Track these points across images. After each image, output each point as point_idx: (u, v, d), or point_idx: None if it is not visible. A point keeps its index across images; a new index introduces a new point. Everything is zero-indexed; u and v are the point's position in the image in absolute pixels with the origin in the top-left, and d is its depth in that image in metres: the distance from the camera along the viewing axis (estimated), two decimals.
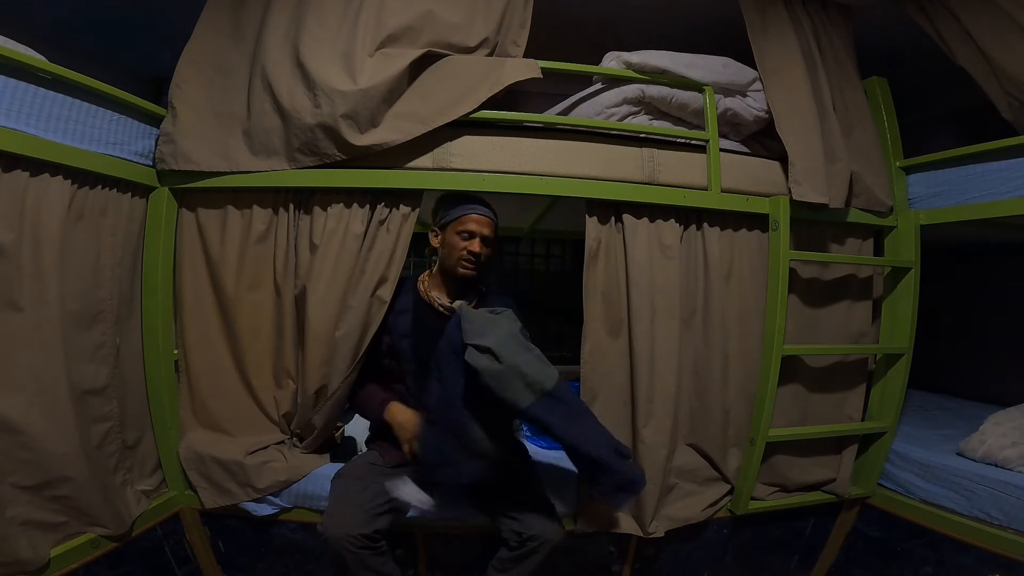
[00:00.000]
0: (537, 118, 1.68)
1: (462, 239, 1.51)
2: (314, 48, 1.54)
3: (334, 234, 1.58)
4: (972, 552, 1.62)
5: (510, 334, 1.31)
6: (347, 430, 2.01)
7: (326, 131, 1.51)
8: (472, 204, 1.54)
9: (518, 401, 1.25)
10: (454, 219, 1.53)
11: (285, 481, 1.60)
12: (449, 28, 1.63)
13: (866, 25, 1.98)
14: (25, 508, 1.27)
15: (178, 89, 1.59)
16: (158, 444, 1.63)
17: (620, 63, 1.73)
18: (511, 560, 1.41)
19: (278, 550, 1.68)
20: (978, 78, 1.74)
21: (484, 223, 1.52)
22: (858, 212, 1.84)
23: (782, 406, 1.77)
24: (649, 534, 1.65)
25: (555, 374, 1.30)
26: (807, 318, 1.85)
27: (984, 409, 2.11)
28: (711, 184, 1.71)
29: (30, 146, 1.24)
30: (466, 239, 1.50)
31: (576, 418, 1.29)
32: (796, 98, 1.74)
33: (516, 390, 1.25)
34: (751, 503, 1.78)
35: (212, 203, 1.63)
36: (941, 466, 1.76)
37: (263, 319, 1.66)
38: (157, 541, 1.59)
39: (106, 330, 1.44)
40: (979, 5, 1.69)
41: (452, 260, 1.52)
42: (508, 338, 1.30)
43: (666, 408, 1.67)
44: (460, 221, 1.52)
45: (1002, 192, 1.64)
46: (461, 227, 1.51)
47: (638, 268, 1.66)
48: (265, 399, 1.68)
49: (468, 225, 1.51)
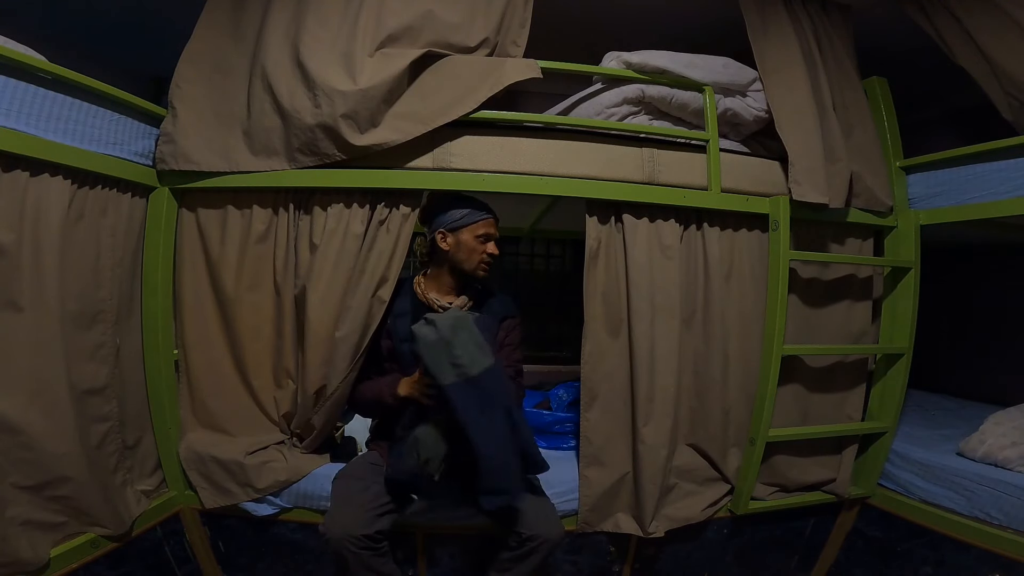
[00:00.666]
0: (537, 118, 1.68)
1: (481, 242, 1.54)
2: (314, 48, 1.54)
3: (334, 234, 1.58)
4: (972, 552, 1.62)
5: (458, 318, 1.33)
6: (347, 430, 2.01)
7: (326, 131, 1.51)
8: (483, 207, 1.57)
9: (440, 376, 1.28)
10: (472, 222, 1.54)
11: (285, 481, 1.60)
12: (449, 28, 1.63)
13: (866, 25, 1.98)
14: (25, 508, 1.27)
15: (178, 89, 1.59)
16: (158, 444, 1.63)
17: (620, 63, 1.73)
18: (511, 560, 1.41)
19: (278, 550, 1.68)
20: (978, 78, 1.74)
21: (495, 225, 1.58)
22: (858, 212, 1.84)
23: (782, 406, 1.77)
24: (649, 534, 1.65)
25: (488, 364, 1.30)
26: (807, 318, 1.85)
27: (984, 409, 2.11)
28: (711, 184, 1.71)
29: (30, 146, 1.23)
30: (484, 242, 1.54)
31: (488, 411, 1.28)
32: (796, 98, 1.74)
33: (441, 365, 1.28)
34: (751, 503, 1.78)
35: (212, 203, 1.63)
36: (941, 466, 1.76)
37: (263, 319, 1.66)
38: (157, 541, 1.59)
39: (106, 330, 1.44)
40: (979, 5, 1.69)
41: (472, 263, 1.55)
42: (453, 320, 1.32)
43: (666, 408, 1.67)
44: (479, 225, 1.54)
45: (1002, 192, 1.64)
46: (481, 231, 1.54)
47: (638, 268, 1.66)
48: (265, 399, 1.68)
49: (487, 229, 1.54)
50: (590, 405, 1.67)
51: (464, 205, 1.55)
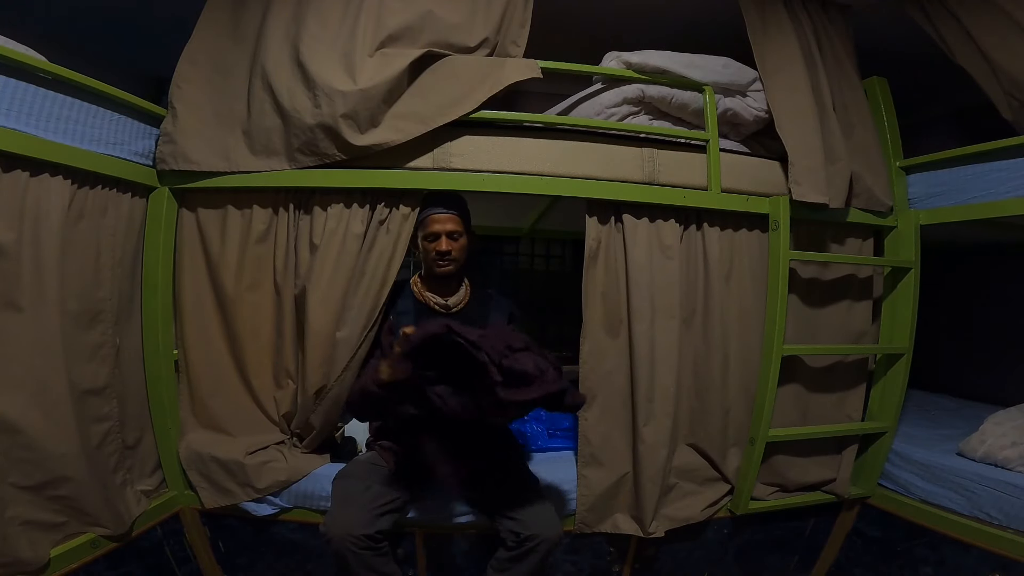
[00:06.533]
0: (537, 118, 1.68)
1: (429, 242, 1.54)
2: (314, 48, 1.54)
3: (334, 234, 1.58)
4: (972, 552, 1.62)
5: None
6: (347, 430, 2.01)
7: (326, 131, 1.51)
8: (431, 206, 1.56)
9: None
10: (419, 223, 1.57)
11: (285, 481, 1.60)
12: (449, 28, 1.63)
13: (866, 25, 1.98)
14: (25, 508, 1.27)
15: (178, 89, 1.59)
16: (158, 444, 1.63)
17: (620, 63, 1.73)
18: (509, 560, 1.41)
19: (278, 550, 1.68)
20: (978, 78, 1.74)
21: (445, 220, 1.54)
22: (858, 212, 1.84)
23: (782, 406, 1.77)
24: (649, 534, 1.65)
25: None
26: (807, 318, 1.85)
27: (984, 409, 2.11)
28: (711, 184, 1.71)
29: (30, 146, 1.23)
30: (432, 241, 1.53)
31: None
32: (796, 98, 1.74)
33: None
34: (751, 503, 1.78)
35: (212, 203, 1.63)
36: (941, 466, 1.76)
37: (263, 319, 1.66)
38: (157, 541, 1.59)
39: (106, 330, 1.44)
40: (979, 5, 1.69)
41: (428, 263, 1.57)
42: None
43: (666, 408, 1.67)
44: (423, 225, 1.55)
45: (1002, 192, 1.64)
46: (425, 231, 1.55)
47: (638, 268, 1.66)
48: (265, 399, 1.68)
49: (431, 227, 1.53)
50: (589, 405, 1.67)
51: (425, 205, 1.57)
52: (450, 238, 1.53)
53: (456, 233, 1.54)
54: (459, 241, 1.55)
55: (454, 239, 1.54)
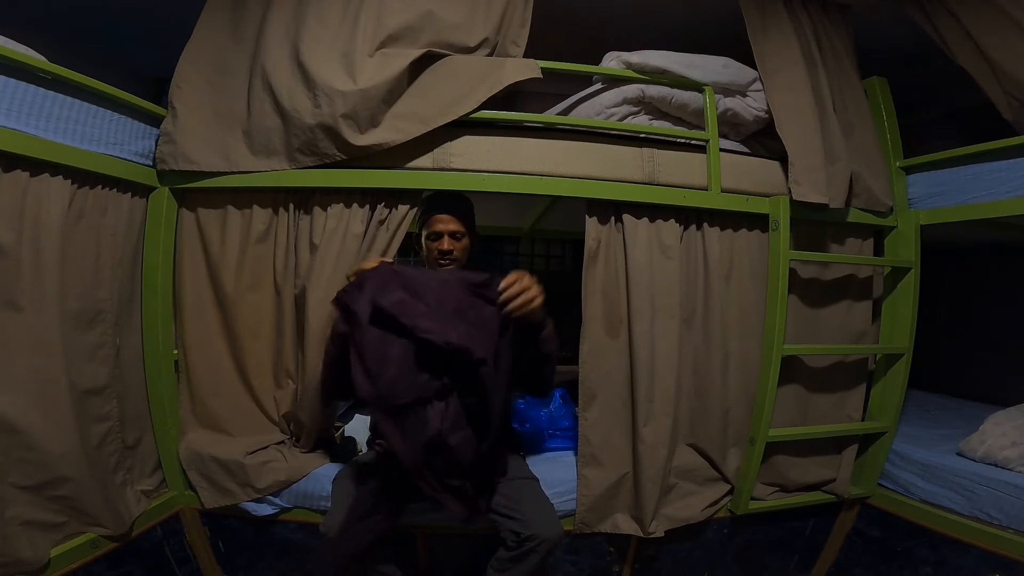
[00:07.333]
0: (537, 118, 1.68)
1: (432, 241, 1.55)
2: (314, 48, 1.54)
3: (334, 234, 1.58)
4: (972, 552, 1.62)
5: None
6: (347, 430, 2.01)
7: (326, 131, 1.51)
8: (437, 207, 1.57)
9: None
10: (422, 224, 1.58)
11: (285, 481, 1.60)
12: (449, 28, 1.63)
13: (866, 25, 1.98)
14: (25, 508, 1.27)
15: (178, 89, 1.59)
16: (158, 444, 1.63)
17: (620, 63, 1.73)
18: (509, 560, 1.40)
19: (278, 550, 1.68)
20: (978, 78, 1.74)
21: (447, 220, 1.55)
22: (858, 212, 1.84)
23: (782, 406, 1.77)
24: (649, 534, 1.65)
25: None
26: (807, 318, 1.85)
27: (984, 409, 2.11)
28: (711, 184, 1.71)
29: (30, 146, 1.23)
30: (435, 240, 1.55)
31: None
32: (796, 98, 1.74)
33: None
34: (751, 503, 1.77)
35: (212, 203, 1.63)
36: (941, 466, 1.76)
37: (263, 319, 1.66)
38: (157, 541, 1.59)
39: (106, 330, 1.44)
40: (979, 5, 1.69)
41: (430, 262, 1.58)
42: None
43: (666, 408, 1.67)
44: (426, 225, 1.57)
45: (1002, 192, 1.64)
46: (428, 230, 1.56)
47: (638, 268, 1.66)
48: (265, 399, 1.68)
49: (434, 227, 1.55)
50: (589, 405, 1.67)
51: (425, 206, 1.58)
52: (452, 238, 1.54)
53: (459, 233, 1.55)
54: (461, 241, 1.56)
55: (456, 239, 1.55)
